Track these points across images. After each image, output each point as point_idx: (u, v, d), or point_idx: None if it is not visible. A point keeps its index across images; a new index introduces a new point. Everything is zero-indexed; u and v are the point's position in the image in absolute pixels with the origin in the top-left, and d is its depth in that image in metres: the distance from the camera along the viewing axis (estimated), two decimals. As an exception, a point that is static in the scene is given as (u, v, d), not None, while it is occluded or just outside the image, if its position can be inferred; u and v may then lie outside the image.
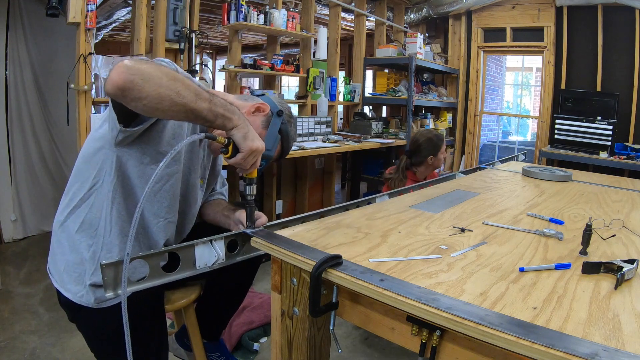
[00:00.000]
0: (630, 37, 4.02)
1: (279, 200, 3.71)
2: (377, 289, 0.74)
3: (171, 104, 0.85)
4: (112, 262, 0.83)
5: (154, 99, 0.83)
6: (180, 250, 0.95)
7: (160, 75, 0.84)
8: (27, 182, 3.25)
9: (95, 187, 1.07)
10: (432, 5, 4.84)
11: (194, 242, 0.97)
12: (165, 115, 0.89)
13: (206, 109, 0.90)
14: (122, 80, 0.81)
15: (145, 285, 0.90)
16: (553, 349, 0.57)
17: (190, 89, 0.88)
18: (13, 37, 3.08)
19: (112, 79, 0.82)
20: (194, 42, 2.84)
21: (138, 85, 0.82)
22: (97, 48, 2.48)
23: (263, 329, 2.15)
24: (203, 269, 0.99)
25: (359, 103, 4.52)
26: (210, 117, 0.91)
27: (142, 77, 0.82)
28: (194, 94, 0.88)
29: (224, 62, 3.79)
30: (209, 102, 0.90)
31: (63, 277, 1.09)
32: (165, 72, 0.86)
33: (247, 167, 1.00)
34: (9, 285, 2.50)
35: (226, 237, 1.05)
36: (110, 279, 0.83)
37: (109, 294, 0.83)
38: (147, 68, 0.84)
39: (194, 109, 0.88)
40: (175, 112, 0.87)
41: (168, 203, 1.15)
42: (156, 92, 0.83)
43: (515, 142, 6.72)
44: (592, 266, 0.83)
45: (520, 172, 2.05)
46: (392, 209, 1.28)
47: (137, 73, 0.82)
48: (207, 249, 0.99)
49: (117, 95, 0.84)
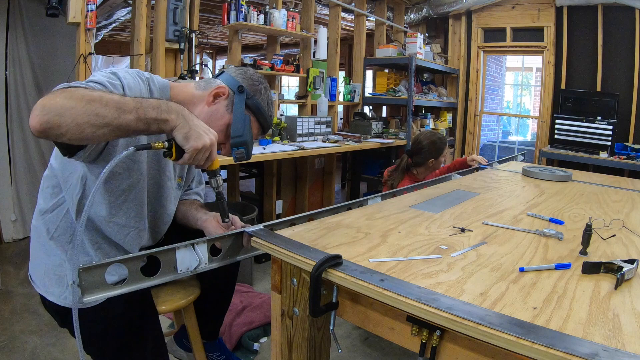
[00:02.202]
0: (630, 37, 4.02)
1: (279, 200, 3.71)
2: (377, 289, 0.74)
3: (94, 129, 0.81)
4: (90, 265, 0.80)
5: (75, 130, 0.80)
6: (161, 254, 0.90)
7: (74, 105, 0.80)
8: (27, 182, 3.25)
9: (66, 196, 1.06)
10: (432, 5, 4.84)
11: (175, 246, 0.92)
12: (94, 140, 0.84)
13: (133, 119, 0.84)
14: (38, 124, 0.78)
15: (123, 290, 0.86)
16: (553, 349, 0.56)
17: (109, 106, 0.82)
18: (13, 37, 3.08)
19: (30, 124, 0.79)
20: (194, 42, 2.84)
21: (55, 123, 0.79)
22: (97, 48, 2.48)
23: (263, 329, 2.15)
24: (185, 273, 0.94)
25: (359, 103, 4.52)
26: (141, 126, 0.86)
27: (57, 112, 0.79)
28: (115, 109, 0.82)
29: (224, 62, 3.79)
30: (135, 112, 0.84)
31: (45, 281, 1.09)
32: (79, 96, 0.81)
33: (202, 164, 0.95)
34: (9, 285, 2.50)
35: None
36: (87, 283, 0.80)
37: (86, 298, 0.80)
38: (60, 101, 0.80)
39: (119, 125, 0.83)
40: (103, 134, 0.83)
41: (135, 212, 1.12)
42: (74, 123, 0.79)
43: (515, 142, 6.72)
44: (592, 266, 0.83)
45: (520, 172, 2.05)
46: (392, 209, 1.28)
47: (50, 111, 0.79)
48: (188, 252, 0.94)
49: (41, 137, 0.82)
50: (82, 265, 0.78)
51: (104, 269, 0.82)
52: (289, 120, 3.37)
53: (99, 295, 0.81)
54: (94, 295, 0.81)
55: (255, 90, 1.13)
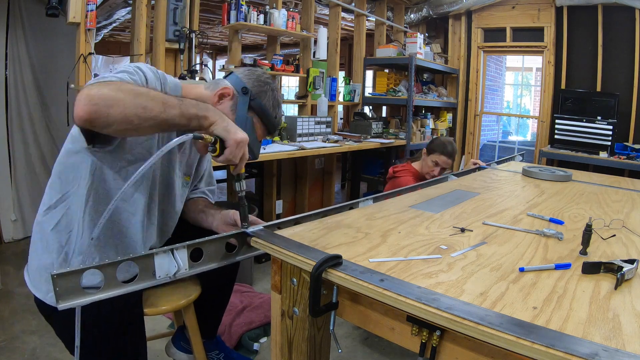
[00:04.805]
0: (630, 37, 4.02)
1: (279, 200, 3.71)
2: (377, 289, 0.74)
3: (140, 121, 0.83)
4: (64, 272, 0.79)
5: (122, 121, 0.82)
6: (139, 260, 0.90)
7: (123, 97, 0.82)
8: (27, 182, 3.25)
9: (72, 189, 1.05)
10: (432, 5, 4.84)
11: (153, 252, 0.91)
12: (139, 132, 0.87)
13: (178, 115, 0.87)
14: (86, 113, 0.80)
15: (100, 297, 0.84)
16: (553, 349, 0.57)
17: (156, 100, 0.85)
18: (13, 37, 3.08)
19: (77, 113, 0.80)
20: (194, 42, 2.84)
21: (103, 114, 0.80)
22: (97, 48, 2.48)
23: (263, 329, 2.15)
24: (164, 279, 0.93)
25: (359, 103, 4.52)
26: (184, 121, 0.89)
27: (105, 103, 0.80)
28: (161, 104, 0.86)
29: (224, 62, 3.80)
30: (179, 107, 0.88)
31: (36, 277, 1.08)
32: (128, 90, 0.84)
33: (237, 161, 0.98)
34: (9, 285, 2.50)
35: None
36: (62, 290, 0.79)
37: (60, 305, 0.79)
38: (108, 92, 0.81)
39: (165, 119, 0.86)
40: (149, 127, 0.86)
41: (144, 204, 1.12)
42: (122, 115, 0.81)
43: (515, 142, 6.72)
44: (592, 266, 0.83)
45: (520, 172, 2.05)
46: (392, 209, 1.28)
47: (99, 101, 0.80)
48: (167, 258, 0.94)
49: (86, 126, 0.83)
50: (56, 272, 0.77)
51: (79, 275, 0.81)
52: (289, 120, 3.37)
53: (74, 301, 0.81)
54: (69, 301, 0.80)
55: (260, 92, 1.13)
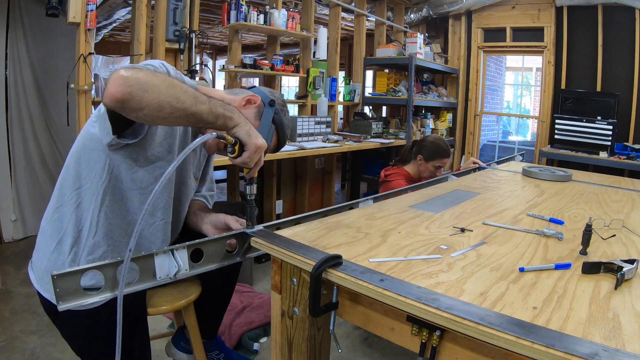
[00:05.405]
0: (630, 37, 4.02)
1: (279, 200, 3.71)
2: (377, 289, 0.74)
3: (172, 111, 0.84)
4: (64, 272, 0.79)
5: (154, 108, 0.82)
6: (139, 260, 0.89)
7: (158, 83, 0.83)
8: (27, 182, 3.25)
9: (85, 186, 1.05)
10: (432, 5, 4.84)
11: (153, 252, 0.92)
12: (166, 122, 0.88)
13: (206, 111, 0.89)
14: (120, 93, 0.79)
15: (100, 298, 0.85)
16: (553, 349, 0.57)
17: (188, 94, 0.87)
18: (13, 37, 3.08)
19: (109, 92, 0.80)
20: (194, 42, 2.84)
21: (137, 96, 0.80)
22: (97, 48, 2.48)
23: (263, 329, 2.15)
24: (164, 279, 0.93)
25: (359, 103, 4.52)
26: (211, 118, 0.91)
27: (140, 87, 0.81)
28: (193, 97, 0.87)
29: (224, 62, 3.80)
30: (208, 104, 0.90)
31: (43, 277, 1.07)
32: (162, 78, 0.85)
33: (252, 165, 1.00)
34: (9, 285, 2.50)
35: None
36: (62, 290, 0.79)
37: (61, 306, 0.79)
38: (143, 77, 0.82)
39: (194, 112, 0.87)
40: (177, 118, 0.87)
41: (164, 203, 1.14)
42: (156, 101, 0.82)
43: (515, 142, 6.72)
44: (592, 266, 0.83)
45: (520, 172, 2.05)
46: (392, 209, 1.28)
47: (135, 83, 0.80)
48: (167, 259, 0.94)
49: (116, 107, 0.82)
50: (56, 272, 0.77)
51: (79, 276, 0.81)
52: (289, 120, 3.36)
53: (74, 302, 0.81)
54: (69, 302, 0.80)
55: (282, 109, 1.22)
